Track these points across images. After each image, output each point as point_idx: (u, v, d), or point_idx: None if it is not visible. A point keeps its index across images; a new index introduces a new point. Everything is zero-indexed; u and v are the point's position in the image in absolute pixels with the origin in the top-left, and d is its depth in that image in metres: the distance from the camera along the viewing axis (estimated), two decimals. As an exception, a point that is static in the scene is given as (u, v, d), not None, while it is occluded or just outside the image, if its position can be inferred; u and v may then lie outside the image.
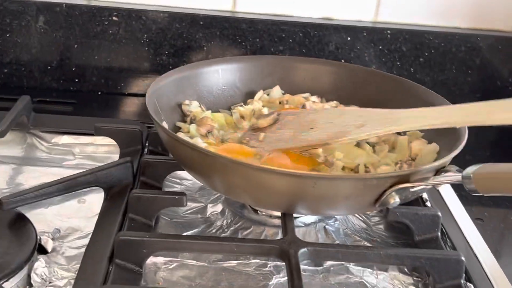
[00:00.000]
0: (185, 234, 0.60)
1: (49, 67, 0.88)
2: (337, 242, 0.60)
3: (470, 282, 0.55)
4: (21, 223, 0.56)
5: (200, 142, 0.64)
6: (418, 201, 0.65)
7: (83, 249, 0.55)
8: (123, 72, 0.89)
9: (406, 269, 0.57)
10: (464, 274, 0.55)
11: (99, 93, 0.90)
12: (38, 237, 0.55)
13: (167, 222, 0.62)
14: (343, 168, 0.61)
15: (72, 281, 0.51)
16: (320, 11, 0.90)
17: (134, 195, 0.59)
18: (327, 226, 0.62)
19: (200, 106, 0.70)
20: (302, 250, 0.52)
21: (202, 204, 0.65)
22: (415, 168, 0.57)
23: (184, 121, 0.69)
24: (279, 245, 0.53)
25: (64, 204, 0.63)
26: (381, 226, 0.64)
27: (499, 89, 0.92)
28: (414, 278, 0.57)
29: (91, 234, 0.56)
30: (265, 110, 0.70)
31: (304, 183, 0.51)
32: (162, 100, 0.66)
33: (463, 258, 0.54)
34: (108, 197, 0.62)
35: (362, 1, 0.90)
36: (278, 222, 0.61)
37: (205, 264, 0.56)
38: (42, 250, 0.55)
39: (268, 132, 0.65)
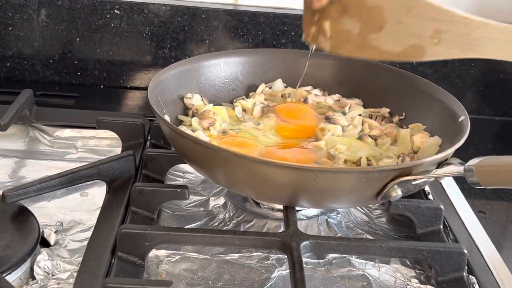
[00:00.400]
0: (187, 227, 0.60)
1: (51, 61, 0.88)
2: (339, 235, 0.60)
3: (472, 274, 0.55)
4: (23, 216, 0.56)
5: (202, 135, 0.64)
6: (420, 194, 0.65)
7: (85, 242, 0.55)
8: (125, 65, 0.89)
9: (408, 262, 0.57)
10: (466, 267, 0.55)
11: (101, 86, 0.90)
12: (41, 230, 0.55)
13: (169, 215, 0.62)
14: (345, 161, 0.61)
15: (75, 274, 0.51)
16: (322, 4, 0.90)
17: (136, 188, 0.59)
18: (329, 219, 0.62)
19: (202, 99, 0.70)
20: (304, 243, 0.53)
21: (204, 197, 0.65)
22: (417, 161, 0.57)
23: (186, 114, 0.69)
24: (281, 238, 0.53)
25: (66, 197, 0.63)
26: (383, 219, 0.64)
27: (502, 82, 0.92)
28: (416, 270, 0.57)
29: (93, 227, 0.56)
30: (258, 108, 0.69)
31: (306, 176, 0.51)
32: (164, 93, 0.66)
33: (465, 251, 0.54)
34: (110, 190, 0.62)
35: (364, -6, 0.90)
36: (280, 215, 0.61)
37: (208, 257, 0.56)
38: (45, 243, 0.56)
39: (332, 22, 0.59)
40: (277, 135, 0.66)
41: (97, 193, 0.64)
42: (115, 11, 0.86)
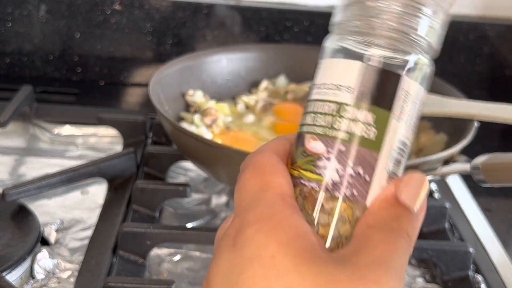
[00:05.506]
0: (189, 225, 0.59)
1: (51, 57, 0.87)
2: (343, 233, 0.60)
3: (479, 273, 0.55)
4: (24, 214, 0.56)
5: (205, 133, 0.63)
6: (425, 192, 0.65)
7: (86, 241, 0.54)
8: (126, 61, 0.88)
9: (413, 261, 0.57)
10: (472, 266, 0.54)
11: (102, 83, 0.89)
12: (41, 229, 0.55)
13: (171, 213, 0.61)
14: (350, 159, 0.60)
15: (76, 273, 0.50)
16: (325, -1, 0.89)
17: (137, 186, 0.58)
18: (333, 217, 0.62)
19: (204, 96, 0.70)
20: (308, 242, 0.52)
21: (206, 195, 0.64)
22: (422, 158, 0.56)
23: (188, 111, 0.68)
24: (284, 237, 0.52)
25: (67, 195, 0.63)
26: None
27: (507, 78, 0.91)
28: (421, 269, 0.56)
29: (94, 225, 0.56)
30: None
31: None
32: (166, 90, 0.66)
33: (470, 250, 0.54)
34: (111, 188, 0.62)
35: (368, -11, 0.89)
36: (283, 213, 0.61)
37: (210, 256, 0.55)
38: (45, 242, 0.55)
39: None
40: (276, 132, 0.66)
41: (98, 191, 0.63)
42: (116, 7, 0.85)
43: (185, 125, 0.65)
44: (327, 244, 0.26)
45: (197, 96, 0.69)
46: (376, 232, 0.26)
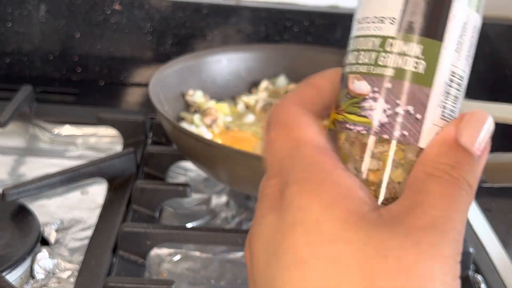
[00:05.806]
0: (189, 225, 0.59)
1: (51, 57, 0.87)
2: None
3: (479, 273, 0.55)
4: (23, 214, 0.56)
5: (205, 133, 0.63)
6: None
7: (86, 241, 0.54)
8: (126, 61, 0.88)
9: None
10: (472, 265, 0.54)
11: (102, 83, 0.89)
12: (41, 229, 0.55)
13: (171, 213, 0.61)
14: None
15: (76, 273, 0.50)
16: (325, -1, 0.89)
17: (137, 186, 0.58)
18: (333, 217, 0.61)
19: (204, 96, 0.70)
20: (308, 242, 0.52)
21: (206, 195, 0.64)
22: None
23: (188, 111, 0.68)
24: (284, 237, 0.52)
25: (67, 195, 0.63)
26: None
27: (507, 78, 0.91)
28: (422, 269, 0.56)
29: (94, 225, 0.56)
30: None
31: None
32: (166, 90, 0.66)
33: (470, 250, 0.54)
34: (111, 188, 0.62)
35: (368, -11, 0.89)
36: (283, 213, 0.61)
37: (210, 255, 0.55)
38: (45, 242, 0.55)
39: None
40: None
41: (98, 191, 0.63)
42: (116, 7, 0.85)
43: (185, 125, 0.65)
44: (381, 192, 0.24)
45: (197, 96, 0.69)
46: (434, 184, 0.23)
